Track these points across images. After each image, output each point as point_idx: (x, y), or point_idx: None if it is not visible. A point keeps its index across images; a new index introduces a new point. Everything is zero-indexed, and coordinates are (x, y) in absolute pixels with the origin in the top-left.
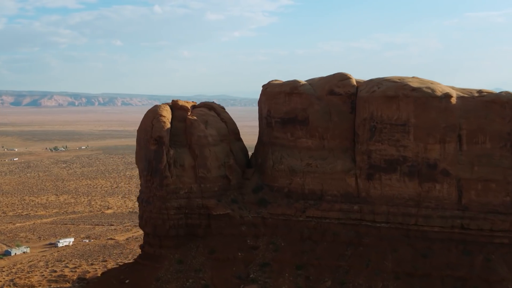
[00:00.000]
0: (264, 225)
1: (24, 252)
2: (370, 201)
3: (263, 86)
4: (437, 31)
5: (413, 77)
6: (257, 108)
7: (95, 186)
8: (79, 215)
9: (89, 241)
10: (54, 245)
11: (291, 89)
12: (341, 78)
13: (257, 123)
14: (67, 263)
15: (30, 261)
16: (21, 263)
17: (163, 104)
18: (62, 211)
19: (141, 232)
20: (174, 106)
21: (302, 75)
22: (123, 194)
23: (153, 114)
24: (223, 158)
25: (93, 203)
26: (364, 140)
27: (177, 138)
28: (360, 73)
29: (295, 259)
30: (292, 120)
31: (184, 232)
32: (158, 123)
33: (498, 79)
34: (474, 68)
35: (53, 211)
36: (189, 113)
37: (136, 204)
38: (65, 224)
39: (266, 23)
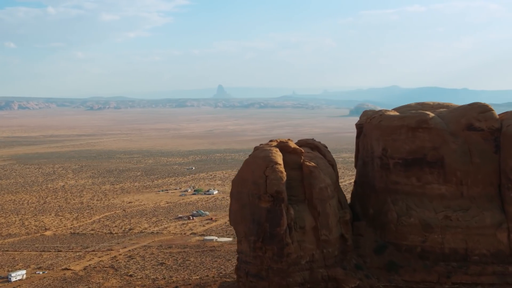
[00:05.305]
0: None
1: None
2: None
3: (372, 118)
4: (332, 30)
5: None
6: (156, 109)
7: (21, 202)
8: (17, 238)
9: (43, 272)
10: (6, 279)
11: (418, 122)
12: (482, 110)
13: (168, 126)
14: None
15: None
16: None
17: (270, 146)
18: None
19: (97, 259)
20: (285, 149)
21: (198, 75)
22: (56, 211)
23: (265, 162)
24: (338, 212)
25: (26, 223)
26: None
27: (292, 192)
28: (255, 71)
29: None
30: (418, 161)
31: None
32: (274, 173)
33: (393, 76)
34: (370, 65)
35: None
36: (302, 158)
37: (76, 223)
38: (6, 250)
39: (161, 23)
